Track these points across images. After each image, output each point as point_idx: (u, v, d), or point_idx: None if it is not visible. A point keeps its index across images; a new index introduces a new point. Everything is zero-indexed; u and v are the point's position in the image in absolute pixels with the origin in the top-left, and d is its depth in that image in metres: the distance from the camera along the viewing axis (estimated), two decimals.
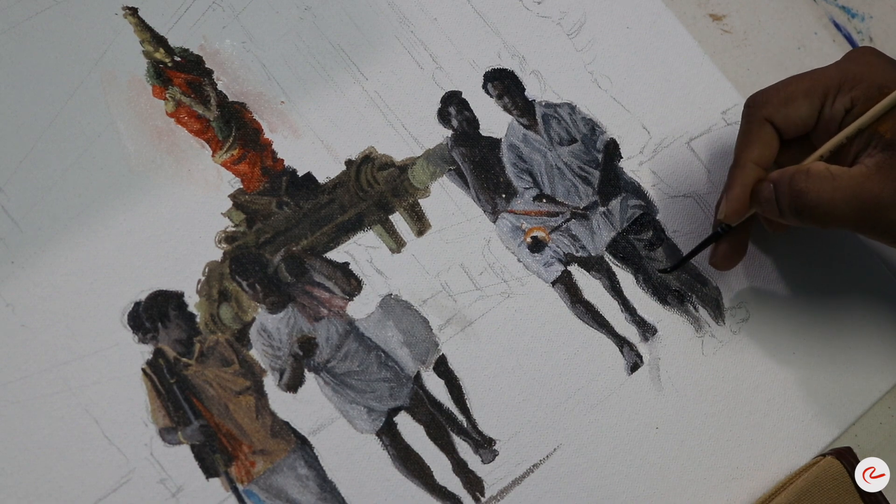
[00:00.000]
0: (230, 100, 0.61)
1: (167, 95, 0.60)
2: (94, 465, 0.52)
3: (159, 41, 0.61)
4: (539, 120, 0.66)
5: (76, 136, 0.57)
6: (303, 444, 0.55)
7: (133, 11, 0.61)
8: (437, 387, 0.59)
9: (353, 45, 0.64)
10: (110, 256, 0.56)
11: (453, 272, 0.61)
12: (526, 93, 0.66)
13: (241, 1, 0.63)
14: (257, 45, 0.62)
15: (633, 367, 0.61)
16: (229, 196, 0.59)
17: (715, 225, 0.63)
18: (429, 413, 0.58)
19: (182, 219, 0.58)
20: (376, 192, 0.62)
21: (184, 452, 0.54)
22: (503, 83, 0.66)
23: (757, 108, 0.60)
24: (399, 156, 0.63)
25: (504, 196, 0.64)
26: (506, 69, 0.66)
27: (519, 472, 0.58)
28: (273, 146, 0.61)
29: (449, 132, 0.64)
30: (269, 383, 0.56)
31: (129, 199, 0.57)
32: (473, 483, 0.57)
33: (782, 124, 0.59)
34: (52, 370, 0.53)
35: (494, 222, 0.63)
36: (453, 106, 0.65)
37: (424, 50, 0.65)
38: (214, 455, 0.54)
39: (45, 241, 0.55)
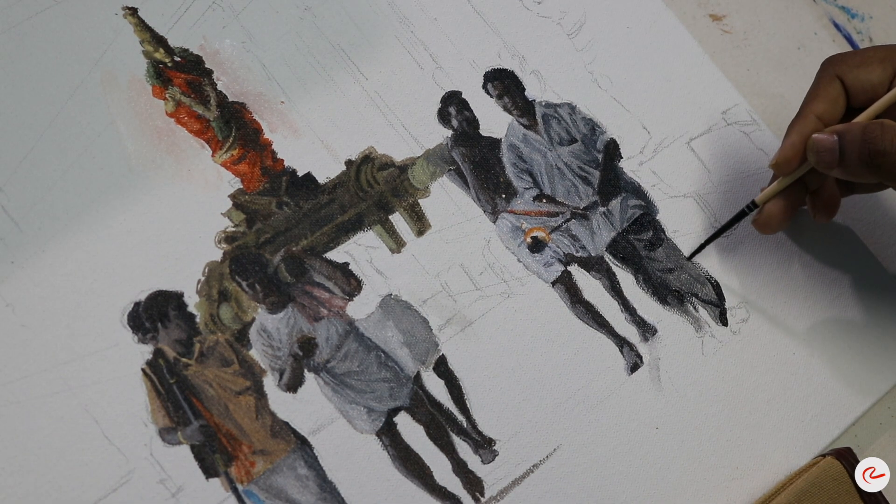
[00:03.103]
0: (230, 100, 0.61)
1: (167, 95, 0.60)
2: (94, 465, 0.52)
3: (159, 41, 0.61)
4: (539, 120, 0.66)
5: (76, 136, 0.57)
6: (303, 444, 0.55)
7: (133, 11, 0.61)
8: (436, 387, 0.58)
9: (353, 44, 0.64)
10: (110, 256, 0.56)
11: (453, 272, 0.61)
12: (526, 93, 0.66)
13: (241, 1, 0.63)
14: (257, 45, 0.62)
15: (633, 368, 0.61)
16: (229, 196, 0.59)
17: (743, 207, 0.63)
18: (429, 413, 0.58)
19: (182, 219, 0.58)
20: (376, 192, 0.62)
21: (184, 452, 0.54)
22: (503, 83, 0.66)
23: (831, 64, 0.60)
24: (399, 156, 0.63)
25: (504, 196, 0.64)
26: (506, 69, 0.66)
27: (519, 472, 0.58)
28: (273, 146, 0.61)
29: (449, 132, 0.64)
30: (269, 383, 0.56)
31: (129, 198, 0.57)
32: (473, 483, 0.57)
33: (852, 84, 0.60)
34: (52, 370, 0.53)
35: (494, 222, 0.63)
36: (453, 106, 0.65)
37: (424, 50, 0.65)
38: (214, 455, 0.54)
39: (45, 241, 0.55)
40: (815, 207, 0.64)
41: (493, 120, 0.65)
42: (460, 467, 0.57)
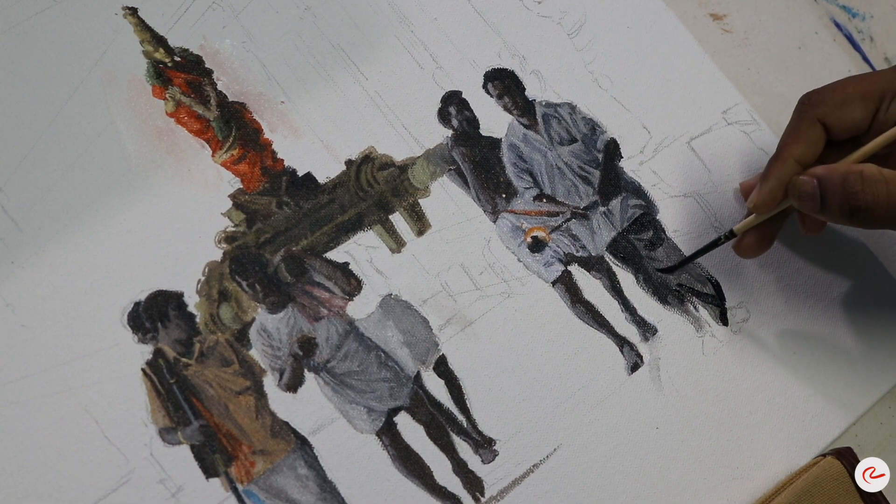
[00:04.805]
0: (230, 100, 0.61)
1: (167, 95, 0.60)
2: (94, 465, 0.52)
3: (159, 41, 0.61)
4: (539, 119, 0.66)
5: (76, 136, 0.57)
6: (303, 444, 0.55)
7: (133, 11, 0.61)
8: (437, 387, 0.58)
9: (353, 44, 0.64)
10: (110, 256, 0.56)
11: (453, 272, 0.61)
12: (526, 92, 0.66)
13: (241, 1, 0.63)
14: (257, 45, 0.62)
15: (634, 367, 0.61)
16: (229, 196, 0.59)
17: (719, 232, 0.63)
18: (429, 413, 0.58)
19: (182, 219, 0.58)
20: (376, 192, 0.62)
21: (184, 452, 0.54)
22: (503, 83, 0.66)
23: (811, 106, 0.59)
24: (399, 156, 0.63)
25: (504, 196, 0.64)
26: (506, 69, 0.66)
27: (519, 472, 0.58)
28: (273, 146, 0.61)
29: (449, 132, 0.64)
30: (269, 383, 0.56)
31: (128, 198, 0.57)
32: (473, 483, 0.57)
33: (834, 125, 0.59)
34: (52, 370, 0.53)
35: (494, 222, 0.63)
36: (453, 106, 0.65)
37: (424, 50, 0.65)
38: (214, 455, 0.54)
39: (45, 241, 0.55)
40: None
41: (494, 120, 0.65)
42: (460, 467, 0.57)
